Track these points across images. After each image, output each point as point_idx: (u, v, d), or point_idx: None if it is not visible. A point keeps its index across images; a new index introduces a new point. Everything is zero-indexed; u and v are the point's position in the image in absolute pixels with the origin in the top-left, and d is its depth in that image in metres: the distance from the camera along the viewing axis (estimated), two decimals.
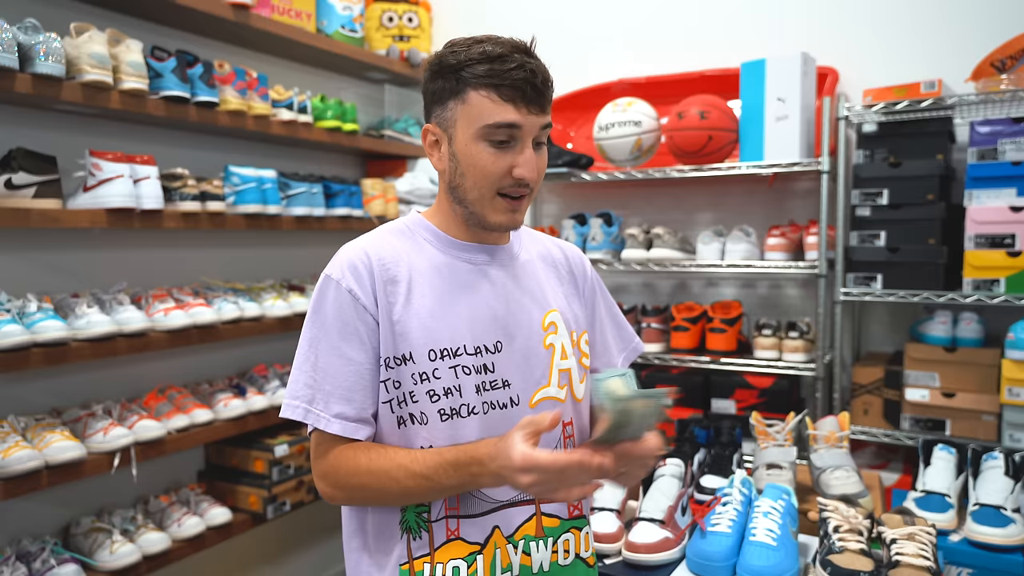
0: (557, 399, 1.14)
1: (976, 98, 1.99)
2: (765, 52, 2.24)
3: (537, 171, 1.07)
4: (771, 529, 1.36)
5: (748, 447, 2.05)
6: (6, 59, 1.61)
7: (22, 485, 1.65)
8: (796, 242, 2.32)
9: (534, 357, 1.12)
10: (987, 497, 1.55)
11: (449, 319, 1.08)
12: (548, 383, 1.13)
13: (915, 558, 1.27)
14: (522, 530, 1.10)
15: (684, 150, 2.30)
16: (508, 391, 1.10)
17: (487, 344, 1.09)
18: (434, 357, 1.06)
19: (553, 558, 1.13)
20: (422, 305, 1.07)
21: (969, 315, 2.12)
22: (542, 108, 1.06)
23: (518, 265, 1.17)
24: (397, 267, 1.09)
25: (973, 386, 2.03)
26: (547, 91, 1.06)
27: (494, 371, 1.09)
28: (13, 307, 1.73)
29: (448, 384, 1.06)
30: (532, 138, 1.06)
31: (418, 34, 2.99)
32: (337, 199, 2.53)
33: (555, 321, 1.16)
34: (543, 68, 1.06)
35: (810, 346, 2.25)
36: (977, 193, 2.01)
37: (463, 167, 1.07)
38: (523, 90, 1.03)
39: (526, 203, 1.11)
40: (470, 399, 1.07)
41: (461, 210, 1.11)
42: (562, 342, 1.15)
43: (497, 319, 1.11)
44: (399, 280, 1.08)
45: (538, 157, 1.08)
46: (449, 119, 1.08)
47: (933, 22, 2.31)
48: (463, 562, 1.07)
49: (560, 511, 1.14)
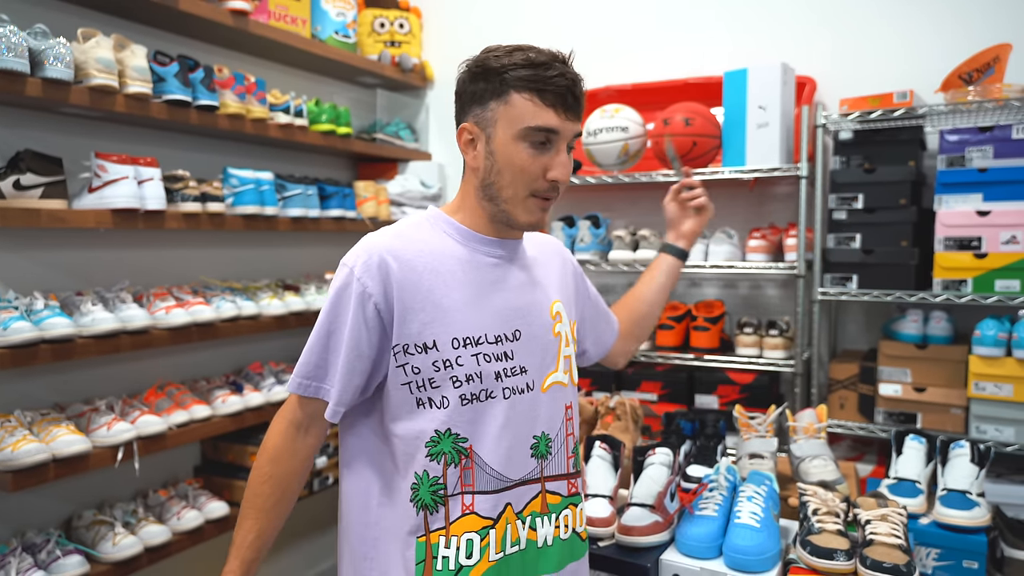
0: (562, 383, 1.23)
1: (945, 108, 2.06)
2: (747, 62, 2.32)
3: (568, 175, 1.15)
4: (755, 512, 1.45)
5: (731, 440, 2.14)
6: (17, 64, 1.65)
7: (30, 477, 1.69)
8: (776, 244, 2.40)
9: (546, 344, 1.21)
10: (954, 483, 1.64)
11: (471, 310, 1.13)
12: (556, 368, 1.22)
13: (888, 537, 1.36)
14: (529, 507, 1.17)
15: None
16: (525, 377, 1.17)
17: (507, 333, 1.16)
18: (457, 345, 1.11)
19: (555, 533, 1.20)
20: (445, 296, 1.12)
21: (939, 314, 2.21)
22: (578, 116, 1.13)
23: (528, 258, 1.25)
24: (419, 259, 1.12)
25: (942, 381, 2.12)
26: (583, 100, 1.14)
27: (513, 358, 1.16)
28: (21, 304, 1.77)
29: (470, 371, 1.12)
30: (566, 142, 1.13)
31: (409, 40, 3.05)
32: (331, 201, 2.58)
33: (560, 311, 1.25)
34: (580, 79, 1.14)
35: (789, 344, 2.34)
36: (946, 198, 2.10)
37: (500, 165, 1.12)
38: (564, 97, 1.10)
39: (553, 204, 1.17)
40: (490, 385, 1.13)
41: (490, 208, 1.16)
42: (566, 330, 1.25)
43: (515, 309, 1.18)
44: (420, 272, 1.11)
45: (569, 161, 1.15)
46: (489, 119, 1.12)
47: (906, 36, 2.41)
48: (476, 535, 1.12)
49: (560, 488, 1.22)
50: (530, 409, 1.18)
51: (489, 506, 1.13)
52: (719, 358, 2.38)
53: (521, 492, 1.17)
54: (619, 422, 1.90)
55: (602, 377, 2.61)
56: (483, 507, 1.13)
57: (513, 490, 1.16)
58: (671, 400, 2.51)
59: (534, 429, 1.18)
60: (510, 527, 1.15)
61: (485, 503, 1.13)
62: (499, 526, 1.14)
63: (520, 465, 1.16)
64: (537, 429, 1.19)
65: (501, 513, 1.14)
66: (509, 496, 1.15)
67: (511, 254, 1.22)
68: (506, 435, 1.14)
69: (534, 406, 1.18)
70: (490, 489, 1.14)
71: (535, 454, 1.18)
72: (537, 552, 1.18)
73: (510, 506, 1.15)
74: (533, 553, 1.18)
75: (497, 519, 1.14)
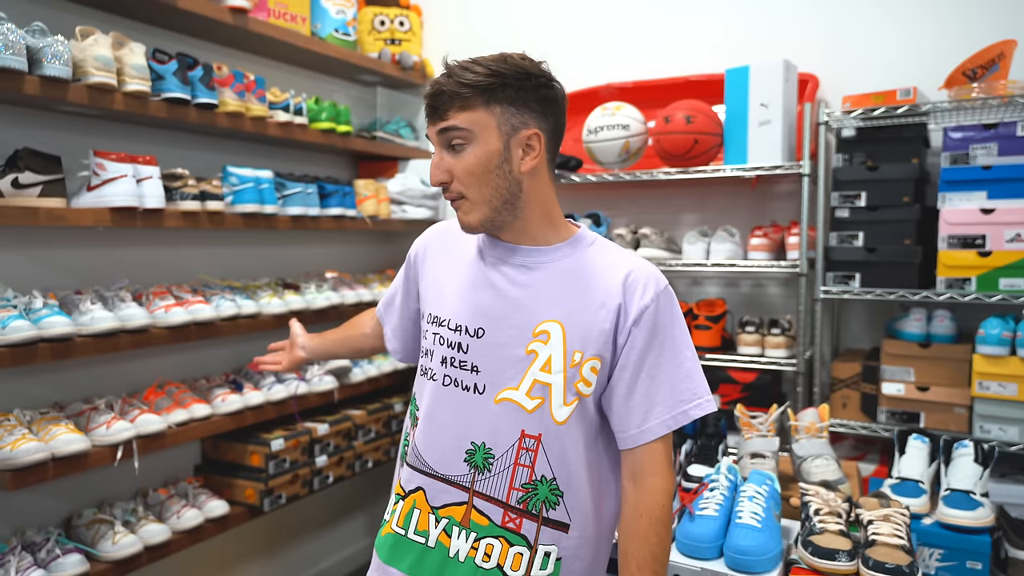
0: (522, 406, 1.13)
1: (949, 105, 2.05)
2: (749, 59, 2.30)
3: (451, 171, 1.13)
4: (756, 512, 1.44)
5: (733, 440, 2.13)
6: (15, 62, 1.64)
7: (29, 476, 1.68)
8: (778, 242, 2.38)
9: (512, 358, 1.14)
10: (958, 483, 1.63)
11: (448, 295, 1.23)
12: (517, 387, 1.14)
13: (890, 537, 1.35)
14: (449, 509, 1.17)
15: (671, 153, 2.36)
16: (474, 376, 1.17)
17: (468, 326, 1.18)
18: (429, 320, 1.24)
19: (471, 553, 1.14)
20: (439, 277, 1.26)
21: (942, 312, 2.19)
22: (440, 115, 1.13)
23: (541, 270, 1.18)
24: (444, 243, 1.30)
25: (946, 380, 2.11)
26: (439, 100, 1.12)
27: (467, 352, 1.18)
28: (20, 303, 1.76)
29: (428, 346, 1.24)
30: (440, 144, 1.14)
31: (409, 38, 3.04)
32: (331, 199, 2.58)
33: (549, 331, 1.14)
34: (442, 79, 1.12)
35: (791, 342, 2.33)
36: (950, 196, 2.09)
37: None
38: (428, 107, 1.15)
39: (466, 204, 1.15)
40: (435, 366, 1.21)
41: None
42: (550, 354, 1.13)
43: (487, 309, 1.18)
44: (437, 253, 1.30)
45: (455, 159, 1.13)
46: None
47: (909, 32, 2.40)
48: (394, 498, 1.26)
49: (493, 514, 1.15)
50: (470, 411, 1.16)
51: (406, 478, 1.23)
52: (721, 357, 2.37)
53: (441, 488, 1.18)
54: None
55: None
56: (403, 476, 1.24)
57: (433, 481, 1.19)
58: None
59: (471, 433, 1.16)
60: (418, 513, 1.19)
61: (405, 474, 1.24)
62: (406, 502, 1.21)
63: (449, 462, 1.17)
64: (476, 436, 1.15)
65: (411, 492, 1.21)
66: (425, 482, 1.20)
67: (511, 257, 1.20)
68: (437, 422, 1.19)
69: (477, 411, 1.16)
70: (412, 465, 1.23)
71: (468, 460, 1.16)
72: (446, 560, 1.16)
73: (423, 491, 1.20)
74: (441, 558, 1.16)
75: (406, 495, 1.22)
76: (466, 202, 1.14)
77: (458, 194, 1.14)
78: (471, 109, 1.10)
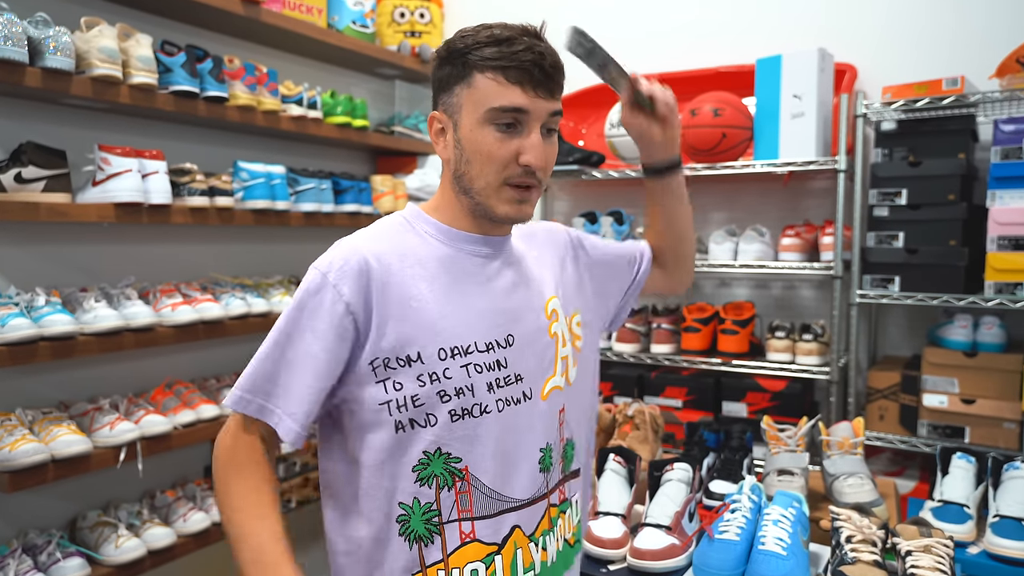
0: (560, 388, 1.13)
1: (1000, 95, 1.93)
2: (781, 48, 2.19)
3: (545, 159, 1.03)
4: (781, 538, 1.32)
5: (759, 451, 2.01)
6: (16, 53, 1.60)
7: (28, 478, 1.65)
8: (811, 242, 2.27)
9: (543, 347, 1.11)
10: (1008, 508, 1.50)
11: (458, 316, 1.03)
12: (554, 372, 1.11)
13: (931, 572, 1.22)
14: (540, 527, 1.08)
15: (697, 148, 2.26)
16: (521, 385, 1.07)
17: (498, 339, 1.05)
18: (444, 356, 1.01)
19: (558, 546, 1.12)
20: (427, 303, 1.02)
21: (990, 319, 2.06)
22: (551, 92, 1.02)
23: (517, 254, 1.14)
24: (400, 263, 1.03)
25: (994, 392, 1.98)
26: (556, 75, 1.03)
27: (507, 366, 1.05)
28: (21, 301, 1.73)
29: (460, 384, 1.01)
30: (540, 124, 1.02)
31: (430, 30, 2.97)
32: (346, 195, 2.52)
33: (556, 308, 1.14)
34: (553, 51, 1.03)
35: (824, 349, 2.20)
36: (1000, 193, 1.95)
37: (468, 154, 1.03)
38: (530, 72, 0.99)
39: (535, 194, 1.06)
40: (483, 398, 1.02)
41: (467, 201, 1.06)
42: (562, 330, 1.14)
43: (505, 312, 1.07)
44: (402, 277, 1.02)
45: (547, 145, 1.04)
46: (455, 105, 1.04)
47: (955, 17, 2.25)
48: (481, 564, 1.03)
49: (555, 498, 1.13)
50: (530, 420, 1.07)
51: (491, 531, 1.03)
52: (748, 363, 2.26)
53: (532, 512, 1.07)
54: (637, 432, 1.79)
55: (624, 382, 2.50)
56: (484, 532, 1.02)
57: (522, 511, 1.06)
58: (696, 407, 2.39)
59: (538, 441, 1.08)
60: (521, 552, 1.06)
61: (487, 528, 1.03)
62: (506, 551, 1.04)
63: (528, 483, 1.07)
64: (542, 441, 1.09)
65: (507, 537, 1.05)
66: (515, 518, 1.05)
67: (498, 251, 1.11)
68: (506, 451, 1.04)
69: (534, 416, 1.08)
70: (491, 512, 1.04)
71: (542, 468, 1.09)
72: (546, 571, 1.10)
73: (519, 529, 1.05)
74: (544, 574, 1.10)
75: (503, 544, 1.04)
76: (536, 192, 1.06)
77: (538, 182, 1.05)
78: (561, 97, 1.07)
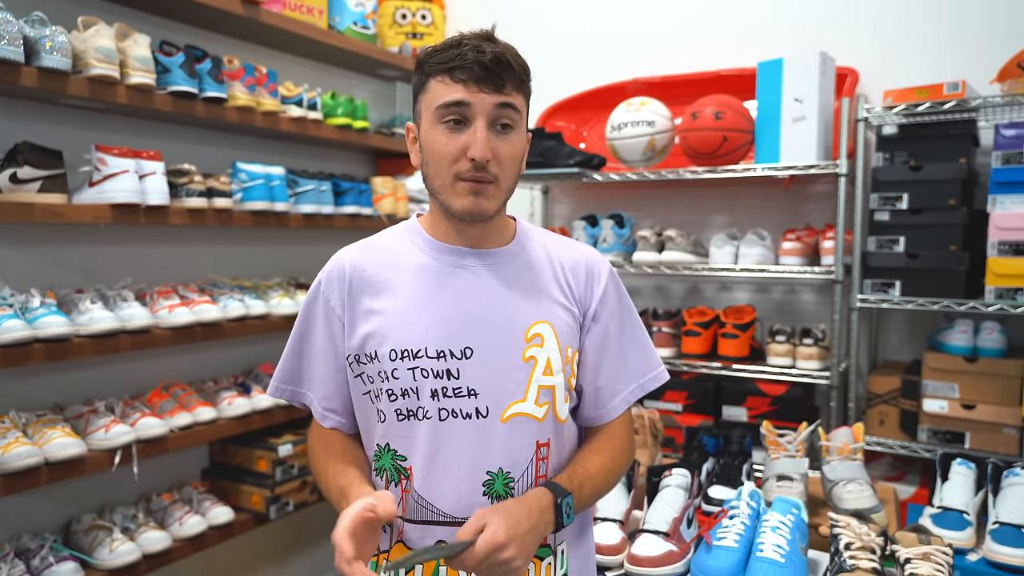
0: (533, 416, 1.07)
1: (1001, 100, 1.92)
2: (782, 52, 2.18)
3: (492, 152, 1.03)
4: (779, 545, 1.31)
5: (759, 456, 2.00)
6: (11, 52, 1.59)
7: (21, 481, 1.64)
8: (812, 246, 2.26)
9: (509, 369, 1.06)
10: (1008, 515, 1.49)
11: (415, 320, 1.07)
12: (524, 398, 1.07)
13: None
14: None
15: (698, 151, 2.25)
16: (475, 400, 1.05)
17: (453, 349, 1.05)
18: (394, 357, 1.06)
19: None
20: (392, 306, 1.08)
21: (991, 324, 2.05)
22: (496, 87, 1.03)
23: (513, 270, 1.12)
24: (377, 269, 1.11)
25: (994, 398, 1.97)
26: (500, 69, 1.03)
27: (459, 378, 1.05)
28: (16, 302, 1.72)
29: (406, 385, 1.06)
30: (488, 118, 1.03)
31: (431, 31, 2.96)
32: (346, 197, 2.51)
33: (541, 333, 1.09)
34: (502, 51, 1.04)
35: (825, 353, 2.19)
36: (1001, 198, 1.94)
37: (427, 155, 1.07)
38: (471, 69, 1.02)
39: (493, 189, 1.05)
40: (426, 403, 1.05)
41: (437, 204, 1.10)
42: (548, 356, 1.08)
43: (469, 324, 1.06)
44: (376, 283, 1.10)
45: (501, 140, 1.04)
46: (419, 112, 1.09)
47: (957, 21, 2.24)
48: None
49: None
50: (480, 438, 1.05)
51: (417, 537, 1.06)
52: (749, 367, 2.25)
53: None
54: (636, 437, 1.78)
55: None
56: (412, 537, 1.07)
57: (453, 528, 1.02)
58: (696, 411, 2.38)
59: (487, 463, 1.05)
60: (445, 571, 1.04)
61: (414, 533, 1.06)
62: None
63: (467, 502, 1.04)
64: (492, 464, 1.05)
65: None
66: (445, 533, 1.04)
67: (483, 264, 1.10)
68: (444, 462, 1.05)
69: (485, 437, 1.05)
70: (417, 518, 1.06)
71: (488, 492, 1.05)
72: None
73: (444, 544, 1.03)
74: None
75: None
76: (494, 188, 1.06)
77: (493, 177, 1.05)
78: (522, 94, 1.08)
